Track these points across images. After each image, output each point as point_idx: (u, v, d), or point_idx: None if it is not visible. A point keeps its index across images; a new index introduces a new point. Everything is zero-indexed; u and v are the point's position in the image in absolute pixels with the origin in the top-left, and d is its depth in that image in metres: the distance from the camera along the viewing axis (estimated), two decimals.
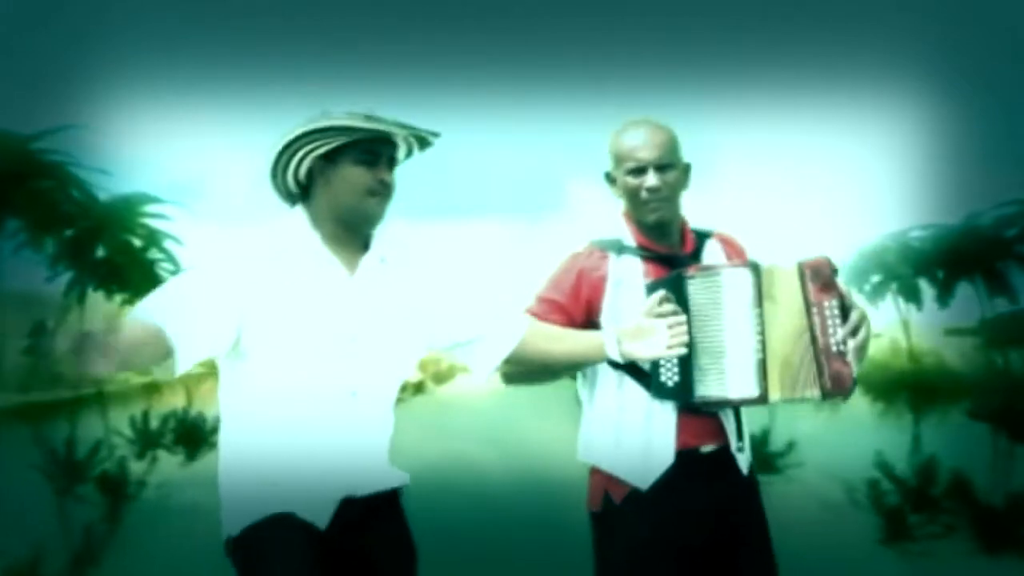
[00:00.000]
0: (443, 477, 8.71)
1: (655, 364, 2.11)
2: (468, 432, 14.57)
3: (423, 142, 2.02)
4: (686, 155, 2.25)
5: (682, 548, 2.11)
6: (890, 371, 26.19)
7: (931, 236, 32.66)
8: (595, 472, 2.21)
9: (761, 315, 2.04)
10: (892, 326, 31.59)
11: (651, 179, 2.15)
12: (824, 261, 2.07)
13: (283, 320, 1.90)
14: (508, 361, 2.14)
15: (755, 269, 2.06)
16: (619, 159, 2.20)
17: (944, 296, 32.03)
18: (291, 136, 1.92)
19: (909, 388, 24.10)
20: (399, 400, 2.08)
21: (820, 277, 2.06)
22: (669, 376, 2.10)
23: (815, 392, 2.04)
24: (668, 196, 2.18)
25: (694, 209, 2.32)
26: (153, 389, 26.49)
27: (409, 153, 2.04)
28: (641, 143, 2.17)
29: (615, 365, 2.15)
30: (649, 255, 2.20)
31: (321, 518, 1.91)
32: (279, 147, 1.94)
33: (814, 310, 2.05)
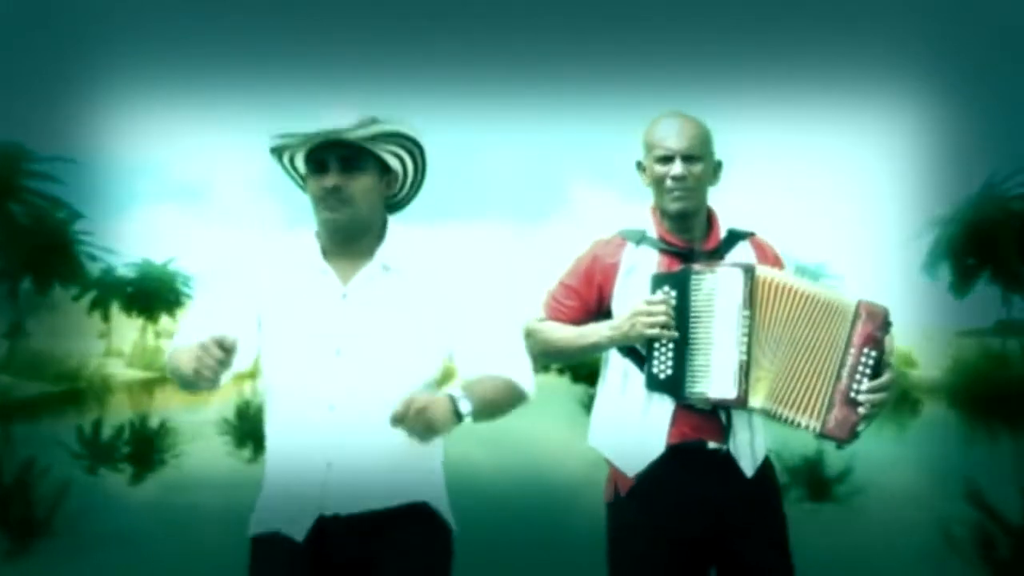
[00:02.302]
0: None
1: (649, 354, 2.16)
2: (468, 432, 13.87)
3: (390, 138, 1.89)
4: None
5: (676, 541, 2.15)
6: (980, 378, 21.73)
7: None
8: (609, 463, 2.26)
9: (750, 318, 2.08)
10: (980, 320, 26.40)
11: (677, 168, 2.19)
12: (883, 311, 2.11)
13: (276, 331, 1.94)
14: None
15: (748, 271, 2.11)
16: (649, 147, 2.26)
17: None
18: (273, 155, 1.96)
19: (1010, 399, 19.77)
20: None
21: (872, 324, 2.09)
22: (662, 368, 2.14)
23: (814, 424, 2.09)
24: (693, 187, 2.21)
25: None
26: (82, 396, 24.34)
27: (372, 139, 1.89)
28: (672, 133, 2.22)
29: (623, 352, 2.21)
30: (666, 248, 2.24)
31: (298, 532, 1.91)
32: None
33: (852, 351, 2.09)
